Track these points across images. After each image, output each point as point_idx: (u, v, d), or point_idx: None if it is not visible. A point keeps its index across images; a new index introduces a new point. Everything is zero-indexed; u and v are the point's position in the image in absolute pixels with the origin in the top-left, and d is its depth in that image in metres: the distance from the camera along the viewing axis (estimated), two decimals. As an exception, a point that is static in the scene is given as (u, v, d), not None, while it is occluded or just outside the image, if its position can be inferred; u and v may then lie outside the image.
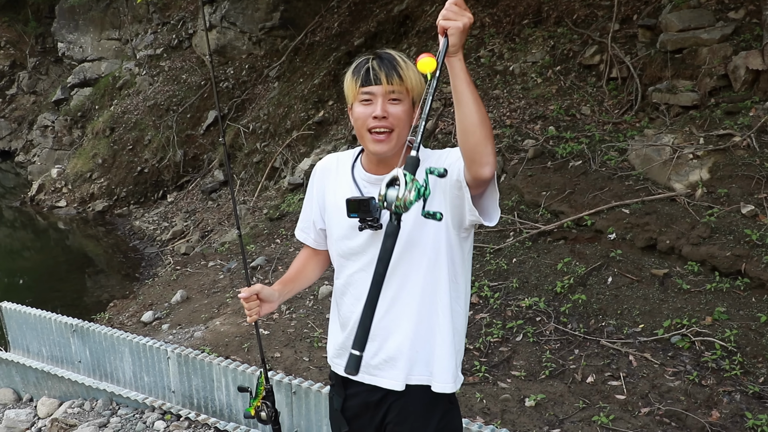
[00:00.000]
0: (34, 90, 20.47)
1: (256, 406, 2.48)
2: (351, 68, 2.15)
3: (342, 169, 2.29)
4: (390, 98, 2.07)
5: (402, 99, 2.08)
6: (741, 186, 6.00)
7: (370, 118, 2.08)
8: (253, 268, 7.97)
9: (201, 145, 14.56)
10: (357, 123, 2.12)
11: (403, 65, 2.09)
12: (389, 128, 2.08)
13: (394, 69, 2.07)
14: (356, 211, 2.00)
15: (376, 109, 2.06)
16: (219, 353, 5.46)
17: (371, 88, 2.07)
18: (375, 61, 2.09)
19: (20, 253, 13.71)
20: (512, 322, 5.50)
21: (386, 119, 2.07)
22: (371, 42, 12.55)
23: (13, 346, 5.79)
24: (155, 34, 17.29)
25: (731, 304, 5.12)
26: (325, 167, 2.35)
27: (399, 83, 2.06)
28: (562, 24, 9.57)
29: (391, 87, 2.06)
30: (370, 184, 2.18)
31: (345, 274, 2.27)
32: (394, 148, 2.11)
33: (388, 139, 2.09)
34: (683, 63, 7.59)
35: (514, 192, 7.16)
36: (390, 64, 2.08)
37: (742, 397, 4.37)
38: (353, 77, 2.12)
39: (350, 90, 2.14)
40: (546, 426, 4.31)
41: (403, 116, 2.08)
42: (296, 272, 2.48)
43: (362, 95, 2.09)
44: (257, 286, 2.29)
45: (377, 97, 2.07)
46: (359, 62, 2.13)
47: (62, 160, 16.80)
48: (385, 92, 2.07)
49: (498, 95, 8.88)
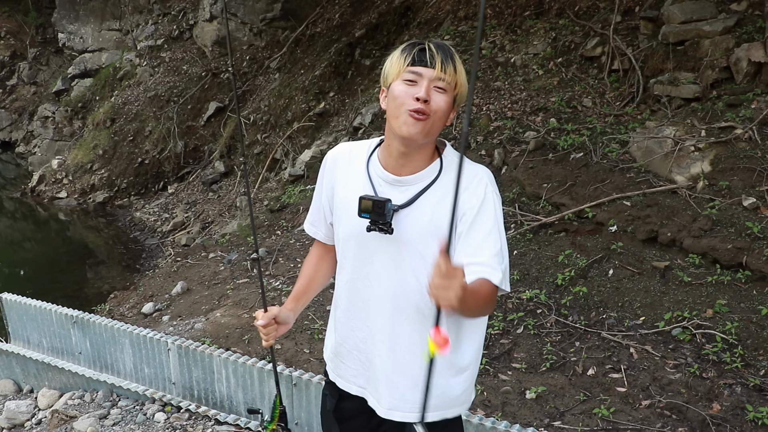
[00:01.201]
0: (35, 81, 20.42)
1: (273, 429, 2.40)
2: (401, 47, 1.99)
3: (356, 162, 2.12)
4: (436, 86, 1.92)
5: (448, 90, 1.93)
6: (742, 178, 5.99)
7: (412, 98, 1.91)
8: (253, 260, 7.96)
9: (202, 136, 14.54)
10: (395, 101, 1.94)
11: (458, 59, 1.96)
12: (428, 113, 1.91)
13: (451, 58, 1.93)
14: (369, 212, 1.95)
15: (420, 90, 1.90)
16: (219, 345, 5.46)
17: (421, 69, 1.91)
18: (432, 44, 1.94)
19: (21, 244, 13.71)
20: (513, 315, 5.50)
21: (428, 104, 1.91)
22: (372, 33, 12.53)
23: (13, 338, 5.79)
24: (156, 25, 17.25)
25: (732, 297, 5.11)
26: (337, 157, 2.18)
27: (452, 73, 1.92)
28: (563, 15, 9.53)
29: (443, 74, 1.91)
30: (387, 184, 2.03)
31: (345, 278, 2.16)
32: (427, 136, 1.95)
33: (424, 122, 1.92)
34: (685, 55, 7.56)
35: (515, 184, 7.15)
36: (448, 51, 1.94)
37: (743, 390, 4.37)
38: (402, 54, 1.95)
39: (395, 67, 1.96)
40: (547, 418, 4.32)
41: (444, 107, 1.94)
42: (308, 281, 2.34)
43: (408, 74, 1.92)
44: (274, 310, 2.18)
45: (424, 79, 1.91)
46: (412, 42, 1.97)
47: (63, 151, 16.79)
48: (435, 77, 1.91)
49: (499, 87, 8.86)
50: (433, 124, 1.93)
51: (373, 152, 2.10)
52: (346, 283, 2.15)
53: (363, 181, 2.06)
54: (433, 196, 1.99)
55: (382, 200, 1.93)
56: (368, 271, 2.07)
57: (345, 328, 2.19)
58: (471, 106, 1.87)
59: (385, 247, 2.01)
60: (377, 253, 2.03)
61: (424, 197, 1.98)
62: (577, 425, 4.21)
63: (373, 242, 2.02)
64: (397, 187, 2.01)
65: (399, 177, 2.01)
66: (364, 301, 2.10)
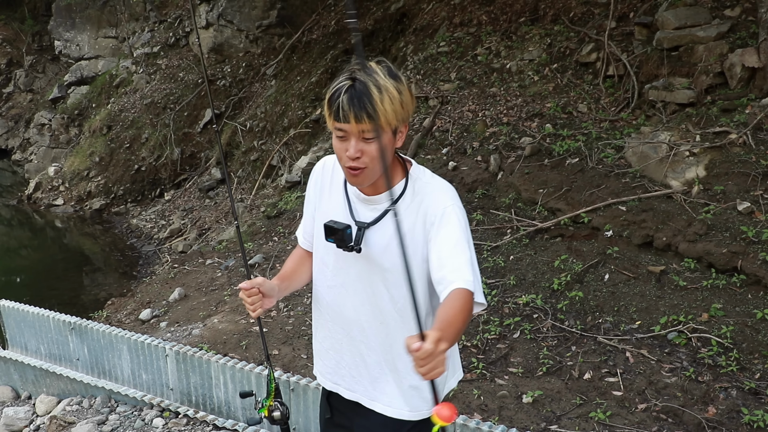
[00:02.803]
0: (31, 88, 20.41)
1: (269, 405, 2.41)
2: (329, 91, 1.97)
3: (337, 177, 2.22)
4: (363, 137, 1.93)
5: (377, 136, 1.90)
6: (737, 183, 6.02)
7: (344, 154, 1.98)
8: (251, 266, 7.98)
9: (198, 143, 14.55)
10: (335, 153, 2.05)
11: (377, 98, 1.88)
12: (363, 166, 1.98)
13: (365, 108, 1.88)
14: (332, 236, 2.10)
15: (350, 148, 1.95)
16: (217, 351, 5.47)
17: (344, 126, 1.93)
18: (346, 96, 1.90)
19: (17, 251, 13.69)
20: (509, 319, 5.52)
21: (359, 159, 1.96)
22: (368, 40, 12.56)
23: (11, 344, 5.79)
24: (152, 32, 17.27)
25: (727, 301, 5.14)
26: (324, 170, 2.29)
27: (369, 123, 1.89)
28: (558, 22, 9.58)
29: (362, 126, 1.91)
30: (360, 202, 2.14)
31: (326, 283, 2.27)
32: (371, 180, 2.04)
33: (363, 175, 2.00)
34: (679, 60, 7.61)
35: (511, 189, 7.18)
36: (360, 101, 1.88)
37: (739, 393, 4.39)
38: (328, 108, 1.97)
39: (327, 119, 2.01)
40: (543, 422, 4.33)
41: (377, 154, 1.95)
42: (292, 271, 2.40)
43: (336, 131, 1.97)
44: (259, 279, 2.20)
45: (350, 135, 1.95)
46: (334, 90, 1.94)
47: (59, 158, 16.77)
48: (358, 131, 1.92)
49: (495, 93, 8.90)
50: (373, 169, 2.00)
51: None
52: (327, 288, 2.27)
53: (341, 198, 2.19)
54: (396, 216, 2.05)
55: (341, 228, 2.07)
56: (344, 280, 2.20)
57: (324, 329, 2.33)
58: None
59: (357, 260, 2.14)
60: (352, 265, 2.16)
61: (389, 215, 2.05)
62: (573, 429, 4.22)
63: (346, 256, 2.15)
64: (367, 205, 2.14)
65: (368, 196, 2.12)
66: (340, 305, 2.23)
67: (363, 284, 2.16)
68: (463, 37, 10.26)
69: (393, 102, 1.91)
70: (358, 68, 1.92)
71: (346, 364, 2.28)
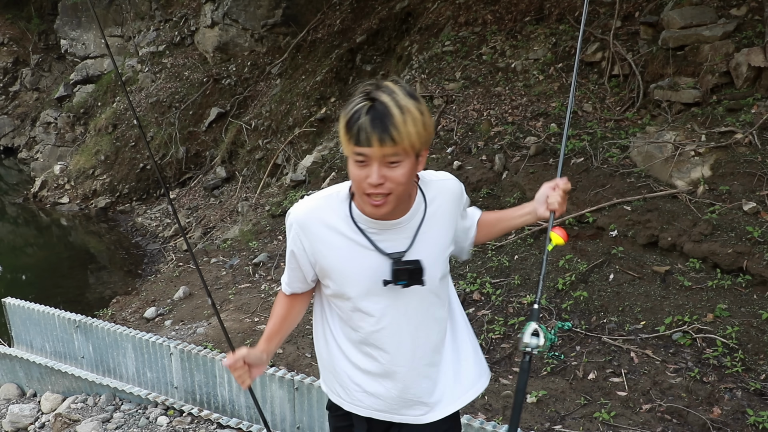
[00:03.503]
0: (37, 87, 20.48)
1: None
2: (344, 114, 1.83)
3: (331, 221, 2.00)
4: (387, 161, 1.80)
5: (401, 160, 1.81)
6: (743, 183, 6.01)
7: (365, 182, 1.83)
8: (255, 265, 7.99)
9: (203, 141, 14.57)
10: (353, 183, 1.89)
11: (398, 120, 1.77)
12: (387, 192, 1.85)
13: (387, 131, 1.76)
14: (407, 279, 1.97)
15: (372, 175, 1.81)
16: (222, 349, 5.48)
17: (365, 150, 1.79)
18: (368, 116, 1.77)
19: (23, 249, 13.74)
20: (514, 319, 5.51)
21: (383, 185, 1.83)
22: (373, 39, 12.56)
23: (16, 342, 5.81)
24: (157, 31, 17.30)
25: (733, 301, 5.13)
26: (306, 224, 2.03)
27: (393, 144, 1.77)
28: (563, 21, 9.56)
29: (384, 150, 1.78)
30: (384, 231, 1.99)
31: (366, 330, 2.08)
32: (394, 208, 1.92)
33: (386, 202, 1.87)
34: (685, 60, 7.59)
35: (515, 189, 7.17)
36: (382, 123, 1.76)
37: (744, 394, 4.38)
38: (346, 132, 1.82)
39: (344, 143, 1.85)
40: (547, 422, 4.33)
41: (402, 179, 1.83)
42: (281, 320, 2.25)
43: (356, 156, 1.82)
44: (242, 351, 2.12)
45: (372, 160, 1.80)
46: (353, 112, 1.80)
47: (65, 157, 16.82)
48: (381, 155, 1.79)
49: (500, 92, 8.89)
50: (398, 196, 1.88)
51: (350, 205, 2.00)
52: (368, 334, 2.08)
53: (356, 238, 2.00)
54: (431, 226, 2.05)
55: (420, 267, 1.98)
56: (393, 316, 2.05)
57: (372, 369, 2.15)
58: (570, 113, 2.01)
59: (406, 290, 2.02)
60: (399, 297, 2.03)
61: (423, 231, 2.02)
62: (577, 429, 4.22)
63: (390, 291, 2.02)
64: (396, 230, 2.00)
65: (395, 220, 1.98)
66: (394, 343, 2.09)
67: (415, 309, 2.06)
68: (468, 36, 10.25)
69: (416, 124, 1.79)
70: (374, 88, 1.82)
71: (399, 391, 2.15)
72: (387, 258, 1.98)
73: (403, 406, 2.16)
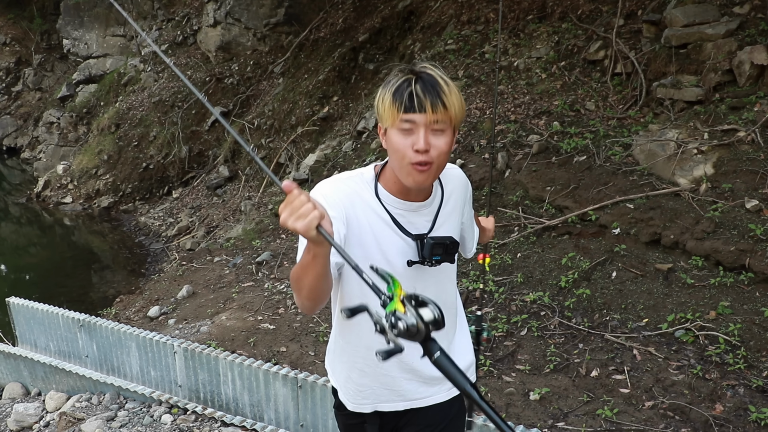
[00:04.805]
0: (40, 87, 20.51)
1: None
2: (389, 87, 1.88)
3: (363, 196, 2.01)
4: (433, 128, 1.86)
5: (445, 129, 1.87)
6: (745, 181, 6.01)
7: (411, 149, 1.86)
8: (258, 264, 8.00)
9: (206, 141, 14.58)
10: (396, 153, 1.90)
11: (446, 90, 1.86)
12: (431, 161, 1.89)
13: (439, 96, 1.83)
14: (441, 254, 2.03)
15: (419, 141, 1.85)
16: (225, 348, 5.49)
17: (414, 116, 1.84)
18: (419, 85, 1.83)
19: (26, 249, 13.76)
20: (517, 317, 5.52)
21: (428, 152, 1.87)
22: (376, 38, 12.56)
23: (21, 341, 5.83)
24: (160, 31, 17.31)
25: (735, 299, 5.13)
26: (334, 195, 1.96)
27: (443, 112, 1.84)
28: (566, 19, 9.56)
29: (436, 116, 1.84)
30: (411, 212, 2.03)
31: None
32: (434, 179, 1.98)
33: (429, 170, 1.90)
34: (688, 58, 7.59)
35: (518, 187, 7.18)
36: (434, 89, 1.84)
37: (746, 391, 4.38)
38: (394, 101, 1.86)
39: (389, 113, 1.87)
40: (550, 419, 4.34)
41: (445, 149, 1.90)
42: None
43: (403, 123, 1.85)
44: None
45: (419, 126, 1.85)
46: (399, 82, 1.86)
47: (68, 157, 16.84)
48: (429, 122, 1.84)
49: (502, 91, 8.89)
50: (439, 166, 1.93)
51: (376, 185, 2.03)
52: None
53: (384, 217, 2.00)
54: (448, 211, 2.13)
55: (454, 242, 2.06)
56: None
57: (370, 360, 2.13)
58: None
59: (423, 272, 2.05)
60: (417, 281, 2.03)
61: (442, 215, 2.10)
62: (580, 426, 4.23)
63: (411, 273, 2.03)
64: (420, 213, 2.05)
65: (421, 202, 2.05)
66: None
67: (437, 292, 2.06)
68: (471, 34, 10.25)
69: (459, 98, 1.89)
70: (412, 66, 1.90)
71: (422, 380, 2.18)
72: (412, 239, 2.02)
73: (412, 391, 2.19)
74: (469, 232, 2.38)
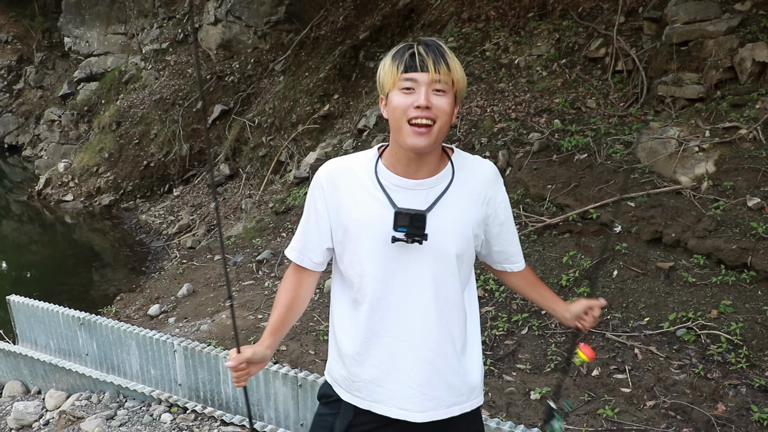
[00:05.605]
0: (41, 85, 20.53)
1: None
2: (391, 54, 1.93)
3: (359, 176, 2.03)
4: (434, 88, 1.87)
5: (447, 90, 1.88)
6: (747, 179, 5.99)
7: (412, 107, 1.86)
8: (259, 262, 7.99)
9: (207, 139, 14.59)
10: (395, 113, 1.90)
11: (449, 54, 1.90)
12: (432, 119, 1.87)
13: (443, 57, 1.87)
14: (406, 226, 1.92)
15: (419, 98, 1.85)
16: (225, 346, 5.48)
17: (415, 75, 1.86)
18: (421, 47, 1.88)
19: (27, 247, 13.77)
20: (517, 316, 5.51)
21: (429, 110, 1.86)
22: (376, 35, 12.55)
23: (21, 339, 5.83)
24: (161, 29, 17.32)
25: (737, 297, 5.11)
26: (333, 176, 2.05)
27: (446, 73, 1.87)
28: (567, 17, 9.54)
29: (438, 76, 1.86)
30: (405, 190, 1.99)
31: (369, 298, 2.02)
32: (434, 143, 1.92)
33: (429, 132, 1.88)
34: (689, 55, 7.57)
35: (519, 185, 7.16)
36: (437, 51, 1.88)
37: (748, 391, 4.37)
38: (394, 62, 1.90)
39: (389, 76, 1.91)
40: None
41: (447, 108, 1.89)
42: (286, 311, 2.16)
43: (404, 82, 1.87)
44: (247, 353, 2.04)
45: (421, 85, 1.86)
46: (401, 47, 1.91)
47: (69, 155, 16.86)
48: (431, 81, 1.86)
49: (503, 88, 8.87)
50: (440, 129, 1.90)
51: (377, 162, 2.04)
52: (371, 303, 2.02)
53: (375, 194, 1.99)
54: (454, 197, 2.01)
55: (422, 213, 1.92)
56: (401, 284, 2.00)
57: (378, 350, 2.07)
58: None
59: (416, 255, 1.98)
60: (409, 264, 1.99)
61: (446, 199, 1.99)
62: (581, 426, 4.22)
63: (401, 254, 1.98)
64: (417, 191, 1.99)
65: (418, 180, 1.99)
66: (398, 316, 2.02)
67: (427, 281, 2.00)
68: (472, 32, 10.23)
69: (461, 68, 1.92)
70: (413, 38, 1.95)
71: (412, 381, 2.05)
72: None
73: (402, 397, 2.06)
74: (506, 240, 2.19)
